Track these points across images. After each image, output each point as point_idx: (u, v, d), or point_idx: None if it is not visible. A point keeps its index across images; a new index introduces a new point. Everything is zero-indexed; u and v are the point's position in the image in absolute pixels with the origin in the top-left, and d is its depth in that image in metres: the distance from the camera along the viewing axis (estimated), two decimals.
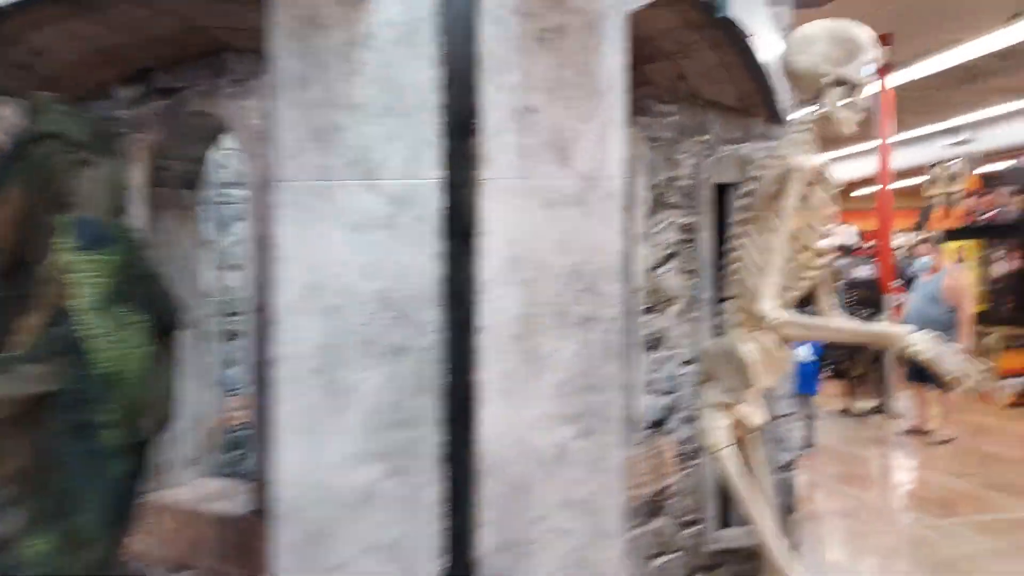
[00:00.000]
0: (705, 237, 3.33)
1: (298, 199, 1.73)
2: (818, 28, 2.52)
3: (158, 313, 1.90)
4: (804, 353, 8.03)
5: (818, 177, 2.57)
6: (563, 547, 1.92)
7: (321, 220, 1.74)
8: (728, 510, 3.35)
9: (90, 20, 2.15)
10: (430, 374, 1.83)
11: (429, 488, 1.83)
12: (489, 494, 1.86)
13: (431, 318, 1.82)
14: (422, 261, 1.81)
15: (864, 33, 2.50)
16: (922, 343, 2.38)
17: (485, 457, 1.86)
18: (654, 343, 3.27)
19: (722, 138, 3.38)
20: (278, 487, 1.75)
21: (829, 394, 10.82)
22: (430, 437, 1.83)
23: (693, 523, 3.39)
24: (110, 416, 1.66)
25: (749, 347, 2.61)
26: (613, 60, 1.94)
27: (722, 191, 3.35)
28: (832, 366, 12.02)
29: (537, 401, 1.90)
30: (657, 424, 3.28)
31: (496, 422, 1.87)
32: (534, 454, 1.90)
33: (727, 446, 2.60)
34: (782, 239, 2.47)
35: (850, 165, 16.24)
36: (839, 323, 2.69)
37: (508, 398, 1.88)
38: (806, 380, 7.66)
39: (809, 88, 2.56)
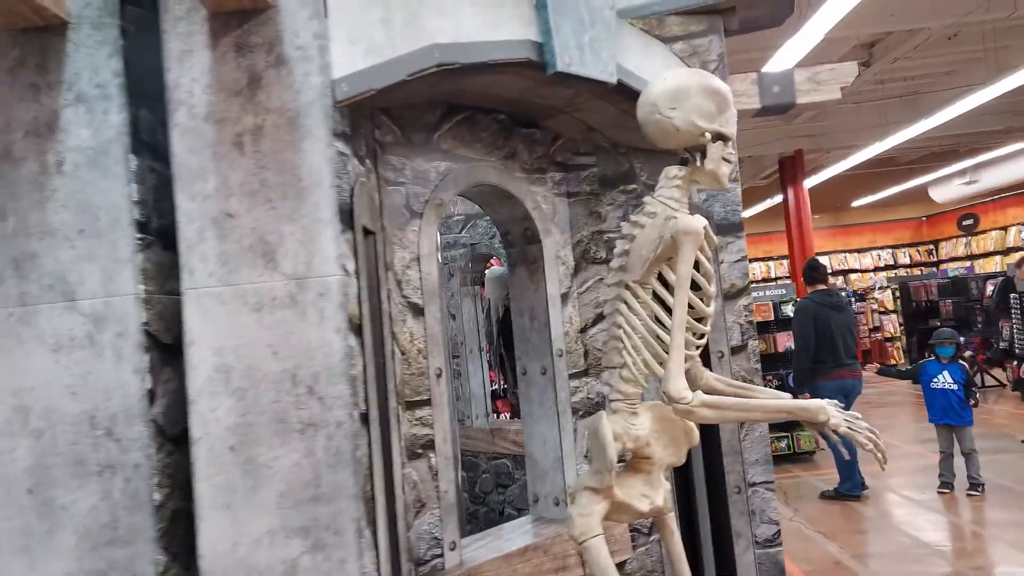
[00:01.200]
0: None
1: (1, 326, 1.75)
2: (685, 81, 2.23)
3: None
4: (945, 380, 6.93)
5: (704, 239, 2.24)
6: None
7: (23, 344, 1.75)
8: None
9: None
10: (143, 490, 1.76)
11: None
12: None
13: (139, 434, 1.76)
14: (125, 377, 1.76)
15: (723, 84, 2.25)
16: (837, 416, 2.13)
17: (208, 575, 1.76)
18: (593, 409, 2.96)
19: (651, 185, 3.03)
20: None
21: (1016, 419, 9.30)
22: (147, 555, 1.76)
23: None
24: None
25: (622, 423, 2.29)
26: (318, 155, 1.79)
27: None
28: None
29: (260, 515, 1.76)
30: None
31: (217, 538, 1.76)
32: (260, 572, 1.76)
33: (594, 536, 2.26)
34: (682, 311, 2.14)
35: None
36: (755, 402, 2.30)
37: (228, 512, 1.76)
38: (953, 410, 6.56)
39: (685, 144, 2.25)
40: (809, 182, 14.94)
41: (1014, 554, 5.57)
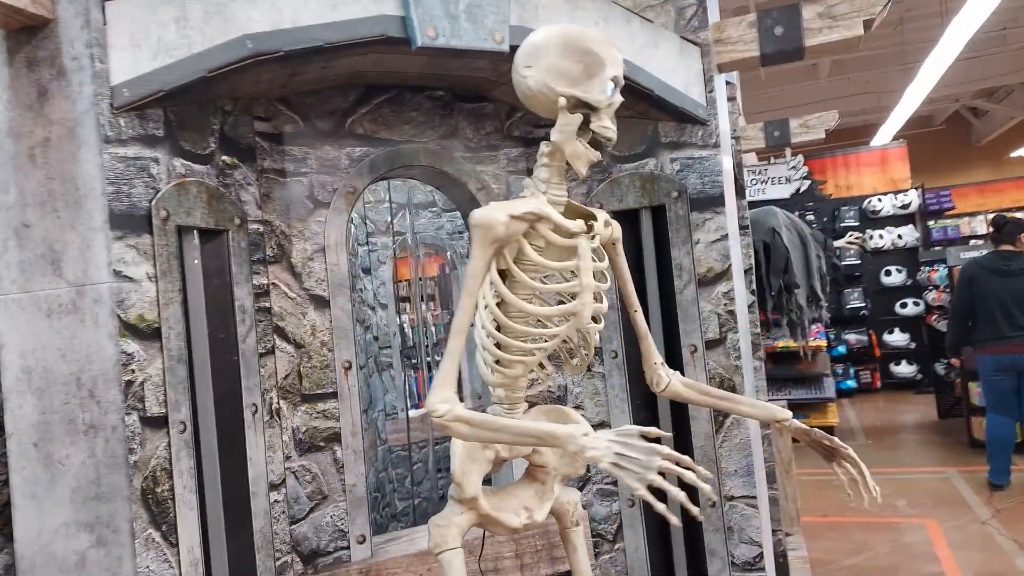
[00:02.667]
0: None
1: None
2: (547, 36, 1.83)
3: None
4: None
5: (539, 227, 1.89)
6: None
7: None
8: None
9: None
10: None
11: None
12: None
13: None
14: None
15: (602, 43, 1.79)
16: (601, 447, 1.62)
17: (21, 561, 1.88)
18: (553, 403, 2.71)
19: (619, 156, 2.65)
20: None
21: None
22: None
23: None
24: None
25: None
26: (91, 164, 1.79)
27: (625, 219, 2.63)
28: None
29: (58, 507, 1.85)
30: None
31: (27, 526, 1.87)
32: (58, 561, 1.85)
33: (448, 549, 2.06)
34: (462, 316, 1.83)
35: None
36: (509, 421, 1.88)
37: (35, 503, 1.87)
38: None
39: (545, 111, 1.92)
40: None
41: None
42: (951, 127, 15.69)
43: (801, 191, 10.27)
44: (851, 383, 10.32)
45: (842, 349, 10.22)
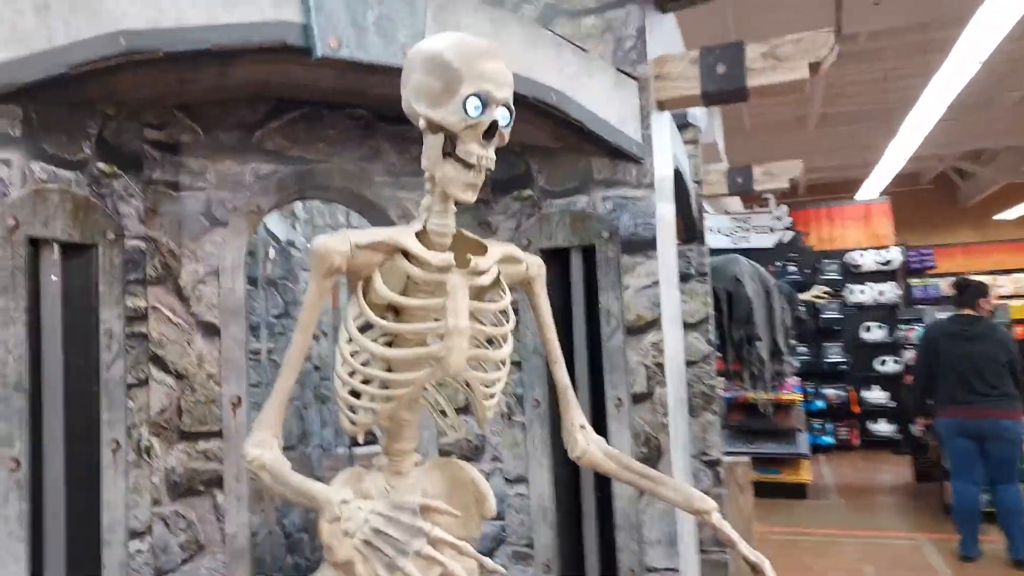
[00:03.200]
0: (527, 319, 2.42)
1: None
2: (417, 50, 1.59)
3: None
4: None
5: (397, 259, 1.59)
6: None
7: None
8: None
9: None
10: None
11: None
12: None
13: None
14: None
15: (470, 56, 1.51)
16: (357, 521, 1.40)
17: None
18: (471, 453, 2.48)
19: (550, 191, 2.46)
20: None
21: None
22: None
23: None
24: None
25: (380, 484, 1.82)
26: None
27: (555, 258, 2.43)
28: None
29: None
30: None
31: None
32: None
33: None
34: (296, 349, 1.60)
35: None
36: (296, 480, 1.56)
37: None
38: None
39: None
40: None
41: None
42: (937, 186, 15.67)
43: (784, 241, 10.12)
44: (829, 439, 10.06)
45: (821, 404, 9.99)
